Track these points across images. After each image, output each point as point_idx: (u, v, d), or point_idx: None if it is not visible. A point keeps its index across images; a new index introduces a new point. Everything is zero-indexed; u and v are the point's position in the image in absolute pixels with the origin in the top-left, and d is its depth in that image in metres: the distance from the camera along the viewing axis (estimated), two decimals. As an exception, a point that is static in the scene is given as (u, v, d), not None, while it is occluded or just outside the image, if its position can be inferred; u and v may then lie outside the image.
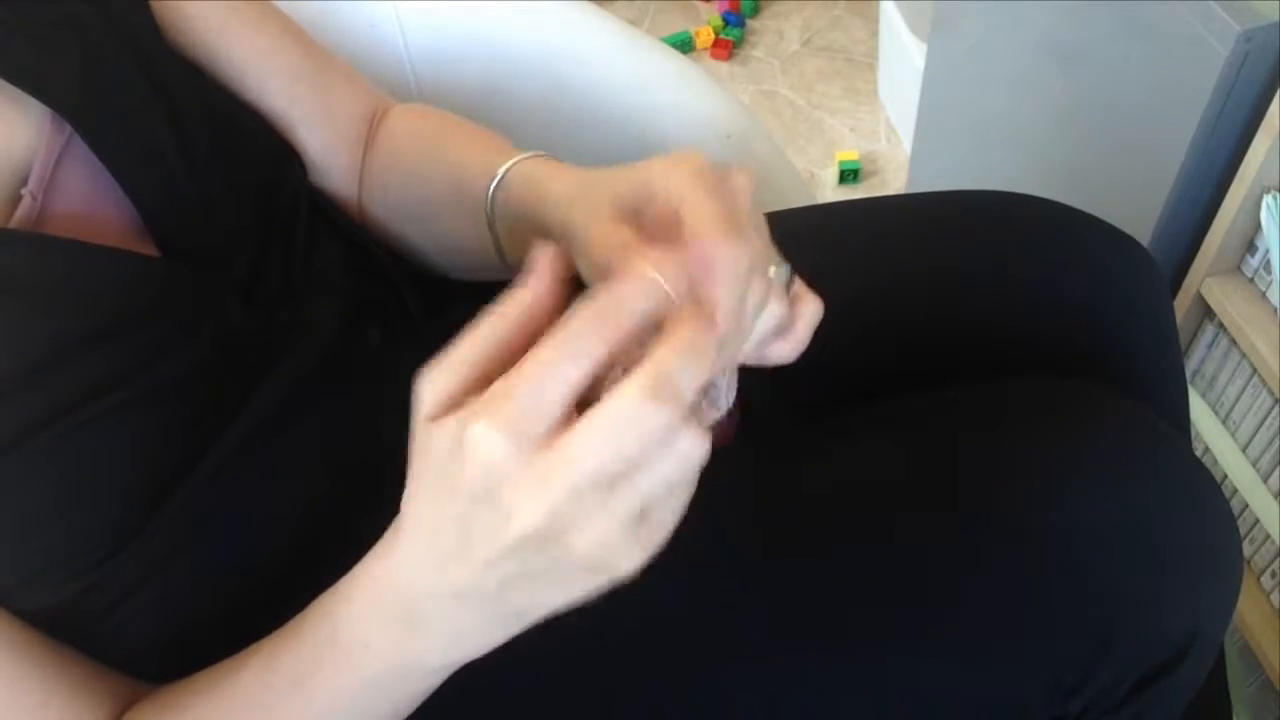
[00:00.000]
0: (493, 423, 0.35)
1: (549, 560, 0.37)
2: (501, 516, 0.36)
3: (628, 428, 0.35)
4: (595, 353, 0.35)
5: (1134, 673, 0.55)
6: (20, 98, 0.50)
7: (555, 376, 0.35)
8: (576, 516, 0.35)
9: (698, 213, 0.41)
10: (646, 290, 0.36)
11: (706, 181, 0.43)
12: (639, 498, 0.36)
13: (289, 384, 0.54)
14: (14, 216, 0.49)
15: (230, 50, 0.63)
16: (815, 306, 0.49)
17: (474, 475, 0.35)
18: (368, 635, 0.43)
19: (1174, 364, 0.73)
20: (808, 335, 0.49)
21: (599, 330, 0.35)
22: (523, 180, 0.56)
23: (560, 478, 0.35)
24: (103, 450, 0.47)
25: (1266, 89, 0.90)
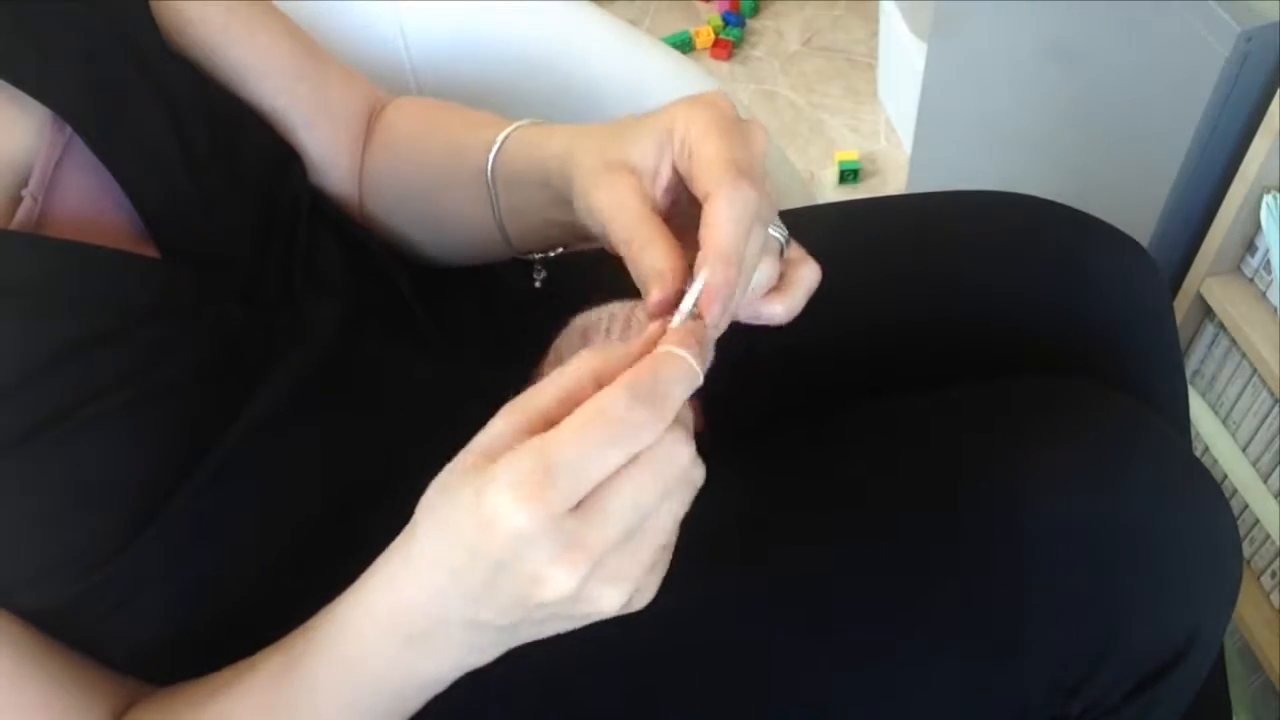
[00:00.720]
0: (524, 499, 0.35)
1: (572, 611, 0.38)
2: (531, 584, 0.36)
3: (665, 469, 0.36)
4: (642, 439, 0.36)
5: (1134, 673, 0.55)
6: (21, 99, 0.50)
7: (599, 460, 0.35)
8: (608, 574, 0.36)
9: (710, 154, 0.43)
10: (686, 377, 0.38)
11: (724, 126, 0.44)
12: (660, 534, 0.37)
13: (290, 384, 0.54)
14: (14, 218, 0.49)
15: (230, 51, 0.63)
16: (813, 270, 0.49)
17: (501, 544, 0.36)
18: (369, 646, 0.43)
19: (1174, 364, 0.73)
20: (804, 298, 0.48)
21: (645, 418, 0.36)
22: (523, 144, 0.57)
23: (593, 541, 0.35)
24: (104, 451, 0.47)
25: (1266, 89, 0.90)
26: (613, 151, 0.47)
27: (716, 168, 0.43)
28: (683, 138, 0.45)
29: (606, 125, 0.49)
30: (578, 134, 0.51)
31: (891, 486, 0.60)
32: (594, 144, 0.48)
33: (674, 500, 0.37)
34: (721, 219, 0.42)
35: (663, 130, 0.46)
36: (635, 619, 0.40)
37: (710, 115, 0.45)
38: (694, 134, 0.44)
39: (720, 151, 0.43)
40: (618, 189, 0.45)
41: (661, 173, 0.46)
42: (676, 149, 0.46)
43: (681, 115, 0.45)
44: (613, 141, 0.47)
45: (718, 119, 0.45)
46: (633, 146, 0.46)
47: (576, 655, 0.55)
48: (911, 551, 0.56)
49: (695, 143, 0.44)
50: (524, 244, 0.61)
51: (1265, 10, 0.87)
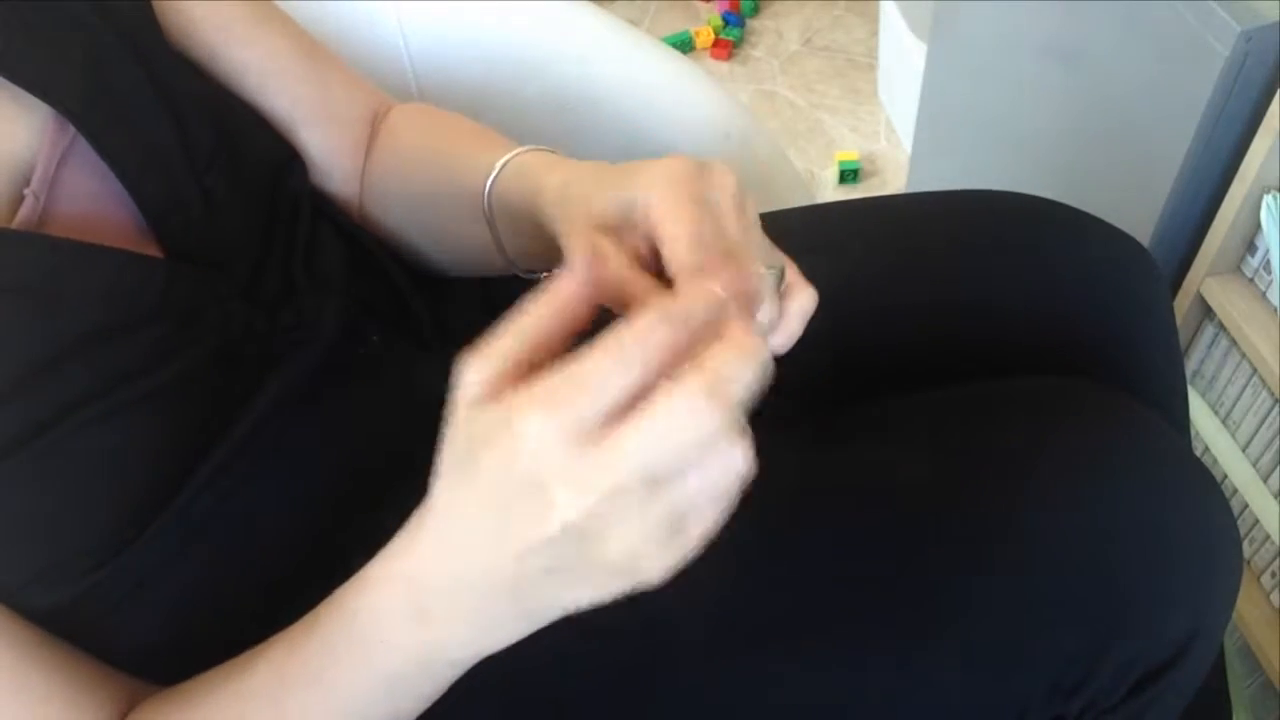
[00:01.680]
0: (547, 413, 0.34)
1: (579, 558, 0.36)
2: (542, 507, 0.35)
3: (681, 426, 0.34)
4: (659, 356, 0.35)
5: (1133, 672, 0.55)
6: (23, 98, 0.50)
7: (618, 375, 0.35)
8: (616, 516, 0.35)
9: (670, 246, 0.43)
10: (711, 304, 0.37)
11: (682, 200, 0.43)
12: (680, 504, 0.36)
13: (291, 384, 0.54)
14: (17, 217, 0.49)
15: (231, 51, 0.63)
16: (807, 297, 0.48)
17: (523, 463, 0.35)
18: (383, 632, 0.43)
19: (1174, 364, 0.73)
20: (800, 327, 0.48)
21: (666, 335, 0.35)
22: (519, 174, 0.56)
23: (607, 473, 0.35)
24: (106, 450, 0.47)
25: (1266, 89, 0.90)
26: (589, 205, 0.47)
27: (675, 255, 0.42)
28: (644, 217, 0.44)
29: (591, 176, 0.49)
30: (575, 173, 0.51)
31: (890, 486, 0.60)
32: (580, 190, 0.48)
33: (704, 471, 0.36)
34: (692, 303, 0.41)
35: (628, 202, 0.46)
36: (626, 618, 0.40)
37: (666, 190, 0.44)
38: (653, 218, 0.44)
39: (678, 240, 0.43)
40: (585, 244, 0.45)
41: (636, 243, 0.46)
42: (641, 227, 0.45)
43: (641, 192, 0.45)
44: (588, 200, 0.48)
45: (674, 193, 0.44)
46: (605, 208, 0.47)
47: (569, 654, 0.55)
48: (910, 551, 0.57)
49: (655, 227, 0.44)
50: (524, 263, 0.61)
51: (1265, 10, 0.87)
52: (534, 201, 0.53)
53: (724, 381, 0.35)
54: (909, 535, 0.57)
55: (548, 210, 0.51)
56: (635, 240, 0.46)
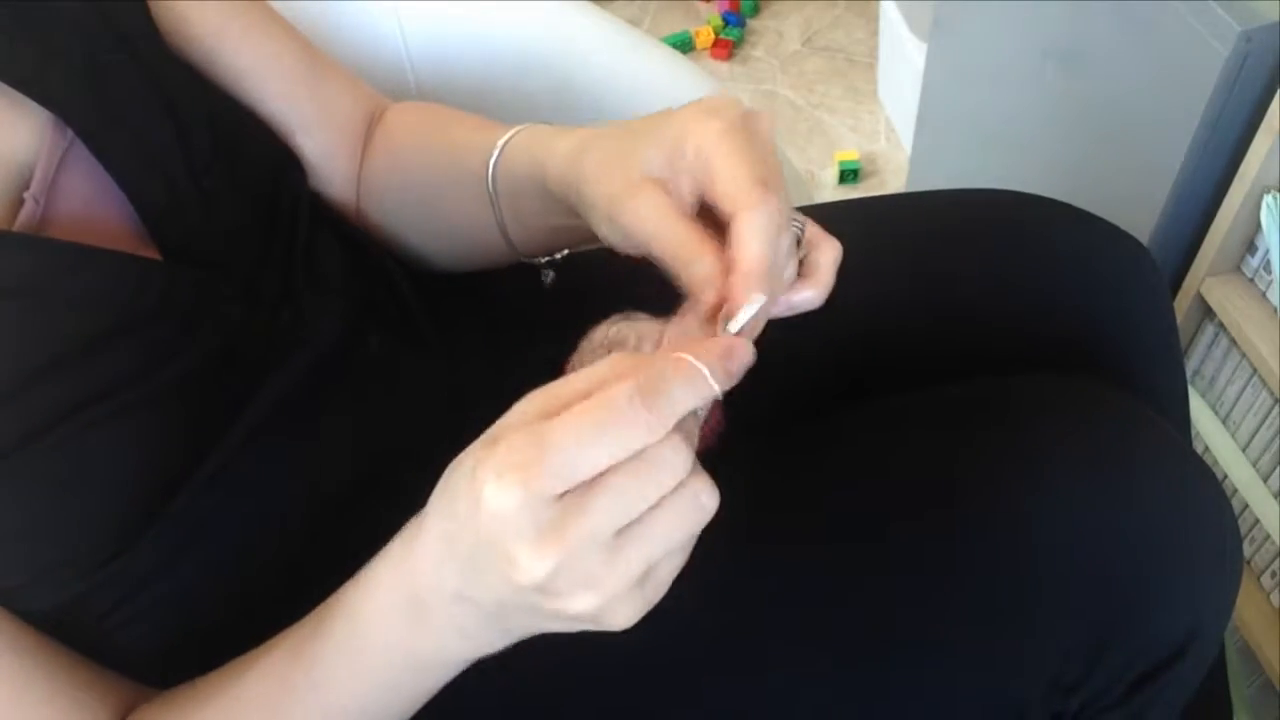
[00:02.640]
0: (513, 481, 0.35)
1: (547, 608, 0.38)
2: (505, 564, 0.36)
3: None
4: (635, 446, 0.35)
5: (1133, 670, 0.55)
6: (22, 101, 0.50)
7: (595, 455, 0.35)
8: (579, 574, 0.36)
9: (729, 172, 0.43)
10: (699, 391, 0.37)
11: (736, 136, 0.44)
12: (644, 559, 0.36)
13: (290, 385, 0.54)
14: (17, 220, 0.49)
15: (229, 54, 0.63)
16: (834, 248, 0.49)
17: (482, 521, 0.36)
18: (381, 633, 0.43)
19: (1174, 363, 0.73)
20: (832, 276, 0.49)
21: (651, 421, 0.35)
22: (525, 147, 0.56)
23: (565, 536, 0.35)
24: (105, 452, 0.47)
25: (1266, 89, 0.90)
26: (631, 169, 0.46)
27: (737, 186, 0.43)
28: (695, 153, 0.44)
29: (614, 134, 0.48)
30: (586, 143, 0.50)
31: (890, 485, 0.60)
32: (606, 160, 0.47)
33: (671, 515, 0.36)
34: (751, 239, 0.42)
35: (674, 143, 0.45)
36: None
37: (720, 127, 0.44)
38: (707, 149, 0.44)
39: (738, 168, 0.43)
40: (649, 206, 0.44)
41: (681, 187, 0.46)
42: (690, 164, 0.45)
43: (692, 128, 0.44)
44: (627, 156, 0.47)
45: (728, 130, 0.44)
46: (650, 161, 0.46)
47: (562, 661, 0.55)
48: (911, 550, 0.57)
49: (710, 159, 0.44)
50: (527, 248, 0.61)
51: (1265, 10, 0.87)
52: (543, 172, 0.52)
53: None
54: (906, 533, 0.57)
55: (560, 177, 0.50)
56: (680, 186, 0.45)
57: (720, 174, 0.43)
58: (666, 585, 0.38)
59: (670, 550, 0.37)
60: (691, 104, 0.46)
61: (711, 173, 0.43)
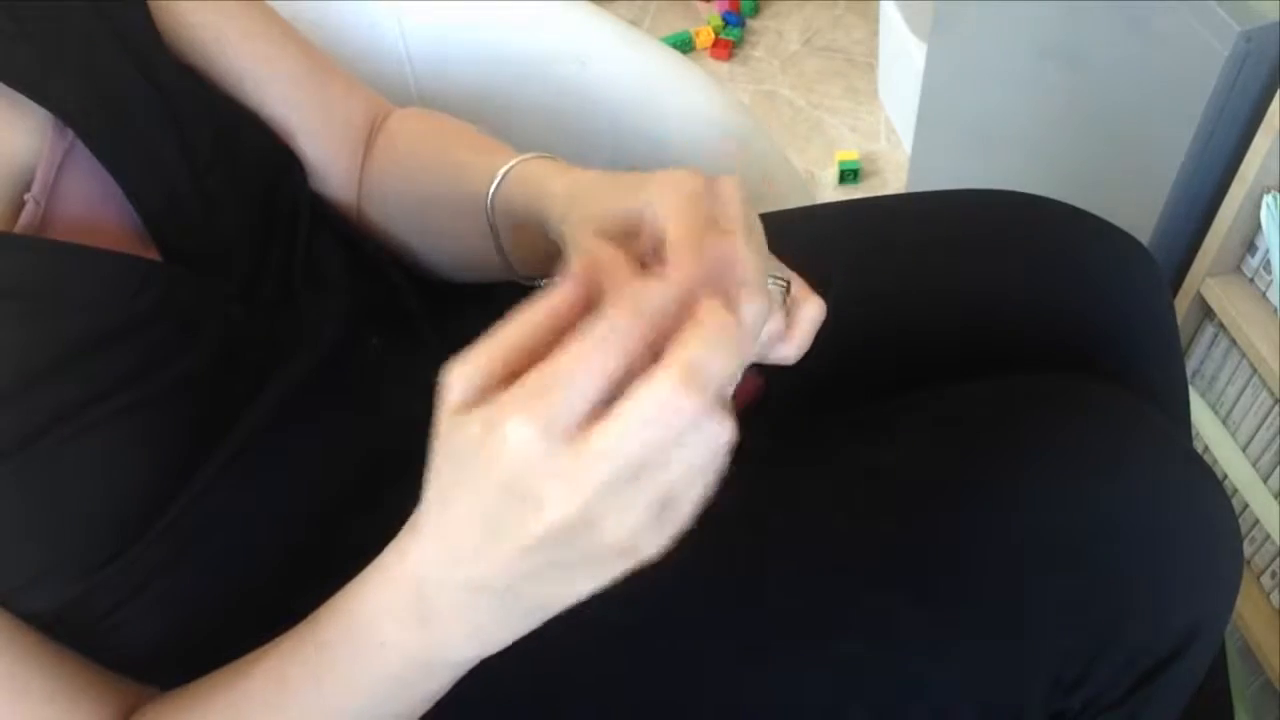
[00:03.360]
0: (526, 415, 0.34)
1: (576, 550, 0.37)
2: (531, 508, 0.35)
3: (659, 418, 0.35)
4: (628, 346, 0.35)
5: (1134, 669, 0.55)
6: (23, 103, 0.50)
7: (589, 369, 0.35)
8: (607, 506, 0.35)
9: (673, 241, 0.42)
10: (668, 287, 0.37)
11: (687, 206, 0.43)
12: (667, 485, 0.36)
13: (290, 386, 0.54)
14: (18, 222, 0.50)
15: (229, 56, 0.63)
16: (816, 308, 0.49)
17: (505, 466, 0.35)
18: (384, 634, 0.43)
19: (1174, 363, 0.73)
20: (809, 337, 0.49)
21: (631, 324, 0.35)
22: (522, 181, 0.57)
23: (593, 469, 0.35)
24: (105, 454, 0.47)
25: (1266, 89, 0.90)
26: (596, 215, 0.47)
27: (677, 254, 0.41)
28: (652, 223, 0.44)
29: (604, 181, 0.49)
30: (578, 182, 0.51)
31: (890, 484, 0.60)
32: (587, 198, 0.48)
33: (689, 451, 0.36)
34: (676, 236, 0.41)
35: (635, 209, 0.45)
36: (624, 619, 0.40)
37: (673, 198, 0.44)
38: (660, 219, 0.43)
39: (682, 238, 0.42)
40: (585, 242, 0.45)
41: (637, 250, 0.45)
42: (649, 235, 0.45)
43: (652, 198, 0.44)
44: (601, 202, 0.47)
45: (680, 200, 0.44)
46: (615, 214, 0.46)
47: (564, 657, 0.55)
48: (911, 549, 0.57)
49: (661, 227, 0.43)
50: (524, 269, 0.61)
51: (1265, 10, 0.87)
52: (539, 207, 0.53)
53: (696, 370, 0.35)
54: (909, 532, 0.57)
55: (554, 215, 0.51)
56: (642, 248, 0.45)
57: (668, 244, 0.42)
58: (691, 511, 0.38)
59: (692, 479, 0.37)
60: (663, 173, 0.46)
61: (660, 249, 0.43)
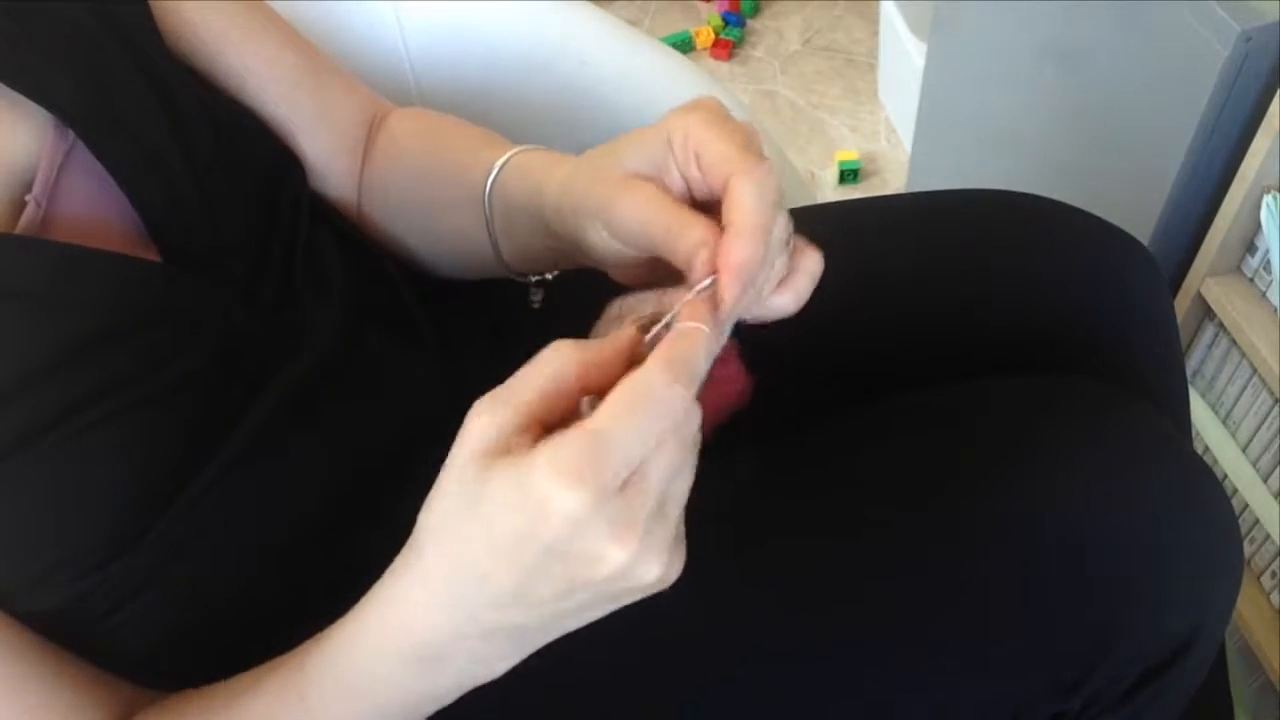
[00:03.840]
0: (579, 483, 0.35)
1: (614, 593, 0.39)
2: (584, 562, 0.37)
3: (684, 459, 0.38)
4: (680, 418, 0.37)
5: (1134, 670, 0.55)
6: (24, 104, 0.50)
7: (646, 440, 0.36)
8: (648, 548, 0.37)
9: (720, 147, 0.43)
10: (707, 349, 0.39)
11: (723, 122, 0.44)
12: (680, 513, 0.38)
13: (290, 386, 0.54)
14: (19, 223, 0.50)
15: (229, 57, 0.63)
16: (815, 258, 0.48)
17: (554, 530, 0.36)
18: (385, 673, 0.43)
19: (1174, 364, 0.73)
20: (809, 288, 0.48)
21: (683, 394, 0.37)
22: (520, 171, 0.57)
23: (638, 519, 0.36)
24: (105, 454, 0.47)
25: (1266, 89, 0.90)
26: (616, 168, 0.47)
27: (730, 154, 0.43)
28: (683, 142, 0.45)
29: (601, 149, 0.49)
30: (576, 165, 0.51)
31: (890, 485, 0.60)
32: (592, 170, 0.48)
33: (689, 467, 0.39)
34: (746, 198, 0.42)
35: (660, 140, 0.46)
36: (622, 625, 0.41)
37: (706, 116, 0.45)
38: (695, 135, 0.44)
39: (727, 141, 0.43)
40: (639, 197, 0.45)
41: (670, 181, 0.46)
42: (679, 156, 0.45)
43: (677, 121, 0.45)
44: (611, 160, 0.47)
45: (714, 118, 0.45)
46: (633, 159, 0.46)
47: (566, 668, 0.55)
48: (912, 550, 0.57)
49: (699, 143, 0.44)
50: (519, 265, 0.61)
51: (1265, 10, 0.87)
52: (537, 200, 0.53)
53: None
54: (908, 533, 0.57)
55: (556, 204, 0.51)
56: (671, 178, 0.46)
57: (708, 151, 0.44)
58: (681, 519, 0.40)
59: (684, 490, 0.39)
60: (677, 107, 0.46)
61: (700, 153, 0.44)
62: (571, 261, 0.55)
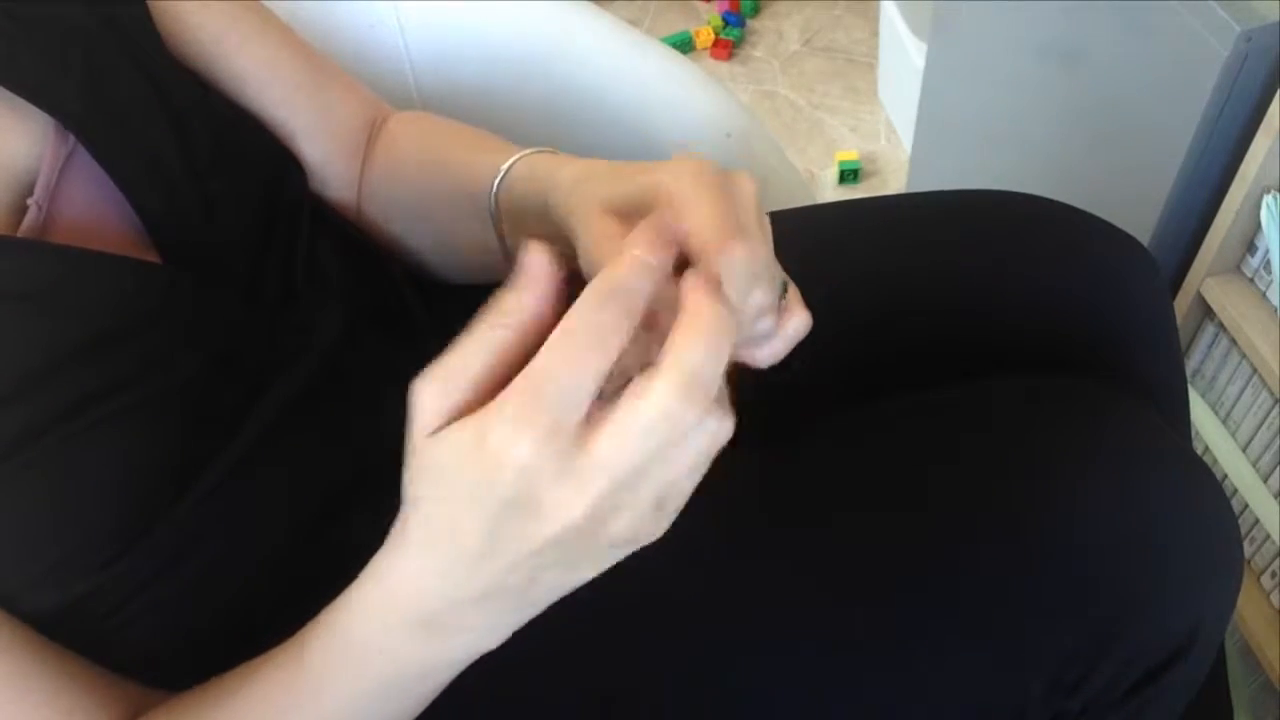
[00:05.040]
0: (523, 426, 0.34)
1: (583, 547, 0.37)
2: (538, 516, 0.36)
3: (662, 427, 0.35)
4: (615, 340, 0.35)
5: (1134, 671, 0.55)
6: (24, 107, 0.50)
7: (581, 369, 0.35)
8: (612, 506, 0.36)
9: (701, 216, 0.41)
10: (640, 270, 0.36)
11: (711, 186, 0.43)
12: (667, 483, 0.37)
13: (291, 387, 0.54)
14: (21, 225, 0.50)
15: (229, 59, 0.63)
16: (802, 320, 0.47)
17: (507, 480, 0.35)
18: (385, 644, 0.43)
19: (1174, 363, 0.73)
20: (788, 348, 0.47)
21: (613, 317, 0.35)
22: (528, 173, 0.56)
23: (598, 477, 0.35)
24: (106, 455, 0.47)
25: (1266, 89, 0.90)
26: (598, 195, 0.47)
27: (710, 228, 0.41)
28: (669, 201, 0.43)
29: (608, 168, 0.49)
30: (581, 174, 0.50)
31: (891, 485, 0.60)
32: (588, 186, 0.48)
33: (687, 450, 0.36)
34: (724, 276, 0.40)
35: (649, 189, 0.45)
36: (626, 622, 0.40)
37: (694, 176, 0.43)
38: (680, 196, 0.43)
39: (712, 211, 0.42)
40: (596, 234, 0.45)
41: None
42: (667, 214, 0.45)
43: (667, 177, 0.44)
44: (606, 185, 0.47)
45: (703, 179, 0.43)
46: (618, 195, 0.46)
47: (568, 652, 0.55)
48: (912, 550, 0.57)
49: (683, 206, 0.42)
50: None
51: (1265, 10, 0.87)
52: (545, 199, 0.53)
53: (696, 376, 0.35)
54: (907, 533, 0.57)
55: (560, 203, 0.51)
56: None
57: (689, 218, 0.41)
58: (685, 498, 0.38)
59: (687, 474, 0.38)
60: (677, 158, 0.45)
61: (682, 217, 0.42)
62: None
